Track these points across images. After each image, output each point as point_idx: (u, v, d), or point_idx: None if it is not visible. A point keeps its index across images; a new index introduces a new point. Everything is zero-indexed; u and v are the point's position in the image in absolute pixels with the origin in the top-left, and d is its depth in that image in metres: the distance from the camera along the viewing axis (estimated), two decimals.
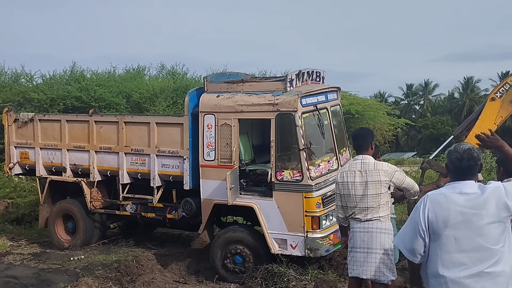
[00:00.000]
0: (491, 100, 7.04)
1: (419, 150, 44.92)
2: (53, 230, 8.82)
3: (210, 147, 7.01)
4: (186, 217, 7.49)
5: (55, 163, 8.66)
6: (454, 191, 2.94)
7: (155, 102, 16.87)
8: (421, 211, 2.96)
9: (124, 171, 7.94)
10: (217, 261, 6.95)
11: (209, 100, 7.07)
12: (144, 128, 7.78)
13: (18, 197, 11.39)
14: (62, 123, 8.55)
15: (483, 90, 53.44)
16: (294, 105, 6.54)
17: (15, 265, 7.56)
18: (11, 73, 18.19)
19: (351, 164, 4.65)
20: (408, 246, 3.02)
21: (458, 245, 2.88)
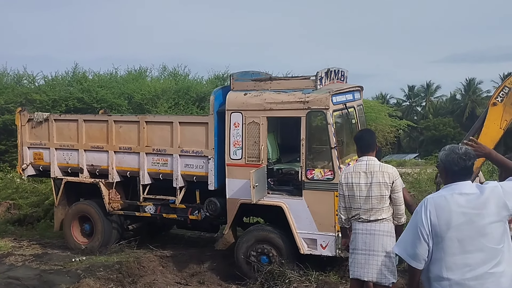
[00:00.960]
0: (492, 106, 7.00)
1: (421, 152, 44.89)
2: (68, 232, 8.61)
3: (237, 146, 6.95)
4: (209, 217, 7.41)
5: (71, 164, 8.49)
6: (454, 192, 2.91)
7: (156, 103, 16.90)
8: (423, 215, 2.92)
9: (145, 171, 7.80)
10: (241, 257, 6.88)
11: (236, 98, 7.02)
12: (166, 128, 7.66)
13: (20, 198, 11.40)
14: (79, 123, 8.38)
15: (485, 92, 53.43)
16: (325, 103, 6.51)
17: (16, 266, 7.57)
18: (13, 75, 18.27)
19: (356, 165, 4.64)
20: (411, 252, 2.96)
21: (461, 247, 2.85)
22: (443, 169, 3.02)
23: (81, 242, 8.51)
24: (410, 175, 14.64)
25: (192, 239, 9.43)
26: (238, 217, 7.28)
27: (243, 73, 7.57)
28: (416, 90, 59.00)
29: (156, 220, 8.29)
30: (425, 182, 16.12)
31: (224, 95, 7.19)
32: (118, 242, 8.39)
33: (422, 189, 14.96)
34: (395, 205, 4.51)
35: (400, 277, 5.81)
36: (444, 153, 3.01)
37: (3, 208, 11.24)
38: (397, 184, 4.49)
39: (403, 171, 15.22)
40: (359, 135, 4.89)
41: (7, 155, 15.87)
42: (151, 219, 8.23)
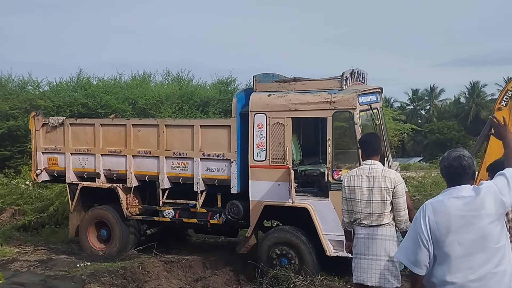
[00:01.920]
0: (498, 111, 7.02)
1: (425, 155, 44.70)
2: (85, 239, 8.51)
3: (261, 147, 6.95)
4: (230, 221, 7.40)
5: (88, 169, 8.42)
6: (451, 196, 2.95)
7: (160, 108, 16.95)
8: (422, 221, 2.94)
9: (165, 175, 7.75)
10: (264, 259, 6.90)
11: (260, 99, 7.02)
12: (187, 131, 7.63)
13: (25, 204, 11.42)
14: (96, 127, 8.31)
15: (489, 95, 53.32)
16: (352, 103, 6.52)
17: (21, 272, 7.59)
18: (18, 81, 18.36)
19: (359, 168, 4.64)
20: (412, 259, 2.97)
21: (463, 250, 2.88)
22: (442, 173, 3.09)
23: (98, 248, 8.43)
24: (414, 179, 14.60)
25: (196, 244, 9.44)
26: (260, 220, 7.28)
27: (264, 75, 7.57)
28: (420, 94, 58.90)
29: (174, 225, 8.24)
30: (430, 185, 16.06)
31: (246, 97, 7.22)
32: (136, 248, 8.34)
33: (427, 193, 14.90)
34: (395, 211, 4.49)
35: (404, 281, 5.79)
36: (440, 158, 3.10)
37: (8, 214, 11.27)
38: (398, 190, 4.47)
39: (408, 174, 15.17)
40: (363, 139, 4.88)
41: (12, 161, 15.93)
42: (168, 223, 8.18)
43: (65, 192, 10.81)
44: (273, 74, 7.86)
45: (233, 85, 19.63)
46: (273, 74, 7.86)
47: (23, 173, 13.15)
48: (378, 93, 7.64)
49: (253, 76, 7.33)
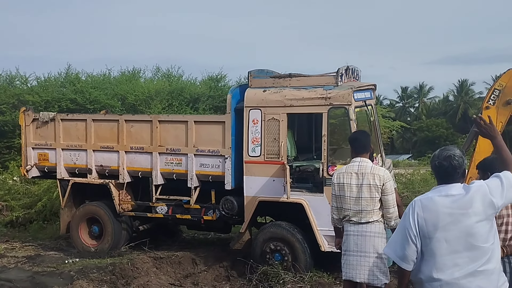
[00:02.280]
0: (485, 109, 7.09)
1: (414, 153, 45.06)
2: (76, 235, 8.44)
3: (256, 143, 6.96)
4: (224, 217, 7.40)
5: (79, 165, 8.32)
6: (440, 194, 2.98)
7: (150, 104, 16.87)
8: (410, 217, 2.98)
9: (158, 171, 7.71)
10: (258, 254, 6.92)
11: (255, 94, 7.02)
12: (180, 127, 7.59)
13: (12, 199, 11.32)
14: (88, 122, 8.22)
15: (478, 93, 53.85)
16: (348, 99, 6.55)
17: (9, 268, 7.52)
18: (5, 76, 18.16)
19: (349, 166, 4.66)
20: (400, 254, 3.01)
21: (450, 247, 2.91)
22: (433, 171, 3.12)
23: (90, 245, 8.37)
24: (403, 176, 14.72)
25: (186, 240, 9.43)
26: (254, 216, 7.29)
27: (259, 71, 7.56)
28: (409, 92, 59.31)
29: (167, 221, 8.21)
30: (418, 182, 16.19)
31: (241, 93, 7.22)
32: (128, 244, 8.31)
33: (415, 190, 15.01)
34: (385, 208, 4.51)
35: (393, 277, 5.84)
36: (432, 156, 3.10)
37: None
38: (387, 187, 4.49)
39: (396, 172, 15.26)
40: (353, 136, 4.90)
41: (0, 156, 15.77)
42: (161, 220, 8.15)
43: (53, 188, 10.74)
44: (267, 70, 7.86)
45: (224, 82, 19.61)
46: (267, 70, 7.86)
47: (10, 168, 13.02)
48: (372, 90, 7.67)
49: (248, 72, 7.33)
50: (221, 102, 17.61)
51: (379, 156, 7.28)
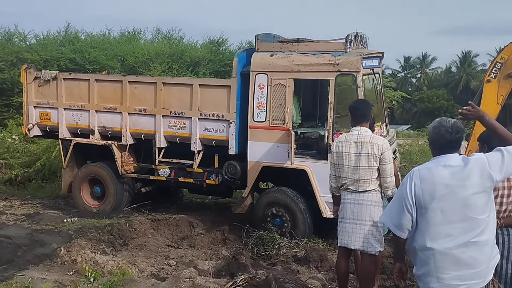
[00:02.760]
0: (487, 83, 7.05)
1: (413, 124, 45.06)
2: (78, 195, 8.46)
3: (261, 108, 6.89)
4: (227, 182, 7.41)
5: (81, 125, 8.27)
6: (439, 165, 2.97)
7: (150, 66, 16.71)
8: (408, 186, 2.99)
9: (161, 134, 7.68)
10: (259, 218, 6.98)
11: (262, 59, 6.92)
12: (185, 90, 7.49)
13: (11, 158, 11.36)
14: (91, 82, 8.11)
15: (481, 65, 53.34)
16: (356, 66, 6.47)
17: (8, 225, 7.60)
18: (4, 32, 17.90)
19: (348, 135, 4.65)
20: (396, 222, 3.05)
21: (444, 217, 2.92)
22: (431, 141, 3.08)
23: (92, 205, 8.41)
24: (401, 146, 14.74)
25: (183, 204, 9.52)
26: (256, 181, 7.30)
27: (266, 35, 7.41)
28: (411, 62, 58.75)
29: (169, 184, 8.23)
30: (416, 153, 16.25)
31: (248, 57, 7.10)
32: (130, 206, 8.34)
33: (413, 161, 15.09)
34: (382, 177, 4.52)
35: (387, 245, 5.92)
36: (432, 126, 3.06)
37: None
38: (385, 157, 4.49)
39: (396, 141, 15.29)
40: (354, 105, 4.86)
41: None
42: (163, 182, 8.16)
43: (52, 148, 10.77)
44: (274, 34, 7.70)
45: (225, 46, 19.38)
46: (274, 34, 7.70)
47: (9, 127, 12.99)
48: (380, 58, 7.55)
49: (255, 36, 7.19)
50: (222, 67, 17.46)
51: (383, 126, 7.25)
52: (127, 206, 8.34)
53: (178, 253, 6.62)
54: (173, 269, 5.98)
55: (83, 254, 6.02)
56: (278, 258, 6.16)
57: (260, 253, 6.45)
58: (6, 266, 5.71)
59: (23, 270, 5.59)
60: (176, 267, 6.09)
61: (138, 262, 6.13)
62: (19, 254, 6.13)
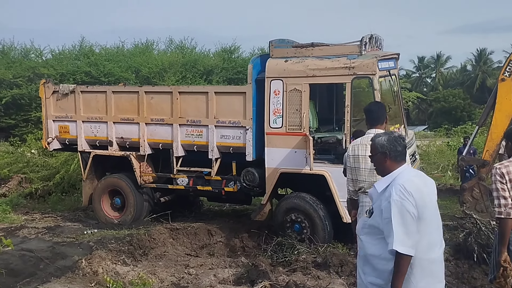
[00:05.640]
0: (501, 81, 6.97)
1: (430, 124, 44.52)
2: (98, 207, 8.50)
3: (277, 114, 6.88)
4: (245, 189, 7.40)
5: (100, 137, 8.34)
6: (416, 175, 3.05)
7: (164, 77, 16.86)
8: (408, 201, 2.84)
9: (179, 143, 7.70)
10: (279, 224, 6.96)
11: (276, 65, 6.91)
12: (201, 98, 7.52)
13: (31, 172, 11.54)
14: (108, 94, 8.19)
15: (496, 62, 52.49)
16: (372, 68, 6.41)
17: (30, 239, 7.70)
18: (20, 49, 18.28)
19: (364, 137, 4.61)
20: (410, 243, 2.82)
21: (432, 225, 2.97)
22: (385, 153, 3.04)
23: (112, 217, 8.45)
24: (419, 147, 14.58)
25: (201, 212, 9.54)
26: (275, 188, 7.28)
27: (280, 40, 7.40)
28: (426, 61, 58.12)
29: (188, 193, 8.25)
30: (434, 154, 16.09)
31: (262, 63, 7.10)
32: (150, 216, 8.37)
33: (431, 161, 14.96)
34: None
35: None
36: (383, 138, 3.08)
37: (15, 182, 11.40)
38: None
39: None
40: (368, 108, 4.82)
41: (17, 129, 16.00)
42: (182, 191, 8.18)
43: (70, 161, 10.91)
44: (288, 40, 7.67)
45: (237, 53, 19.48)
46: (288, 40, 7.67)
47: (28, 141, 13.22)
48: (396, 59, 7.48)
49: (269, 42, 7.18)
50: (235, 74, 17.54)
51: (402, 128, 7.18)
52: (147, 216, 8.37)
53: (198, 261, 6.63)
54: (193, 278, 5.98)
55: (104, 265, 6.06)
56: (297, 264, 6.11)
57: (280, 260, 6.42)
58: (29, 279, 5.77)
59: (46, 283, 5.63)
60: (196, 275, 6.08)
61: (158, 271, 6.14)
62: (41, 267, 6.19)
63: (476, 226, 5.97)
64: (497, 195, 3.62)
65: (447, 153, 16.04)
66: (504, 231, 3.58)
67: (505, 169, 3.63)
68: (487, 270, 5.29)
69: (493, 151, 7.19)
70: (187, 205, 9.26)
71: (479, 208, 7.07)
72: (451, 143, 17.63)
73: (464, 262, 5.74)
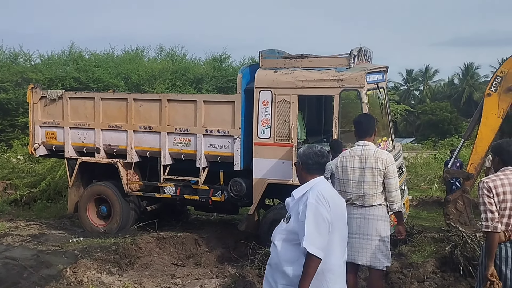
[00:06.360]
0: (487, 96, 7.10)
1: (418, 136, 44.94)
2: (84, 215, 8.39)
3: (266, 125, 6.89)
4: (232, 199, 7.37)
5: (87, 144, 8.25)
6: (332, 188, 3.36)
7: (153, 84, 16.82)
8: (324, 208, 3.06)
9: (166, 151, 7.65)
10: (265, 232, 6.85)
11: (265, 75, 6.92)
12: (190, 107, 7.49)
13: (16, 178, 11.39)
14: (96, 101, 8.12)
15: (483, 77, 53.36)
16: (360, 81, 6.45)
17: (14, 247, 7.58)
18: (9, 53, 18.13)
19: (352, 149, 4.64)
20: (321, 245, 3.02)
21: (341, 235, 3.21)
22: (299, 163, 3.32)
23: (98, 225, 8.36)
24: (406, 159, 14.68)
25: (188, 221, 9.48)
26: (262, 198, 7.26)
27: (270, 51, 7.43)
28: (414, 74, 58.82)
29: (175, 202, 8.20)
30: (421, 166, 16.21)
31: (252, 73, 7.11)
32: (136, 224, 8.30)
33: (418, 174, 15.07)
34: (387, 191, 4.48)
35: (394, 260, 5.88)
36: (301, 150, 3.36)
37: (0, 188, 11.24)
38: (390, 170, 4.45)
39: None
40: (357, 120, 4.85)
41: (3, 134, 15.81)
42: (169, 200, 8.13)
43: (57, 167, 10.80)
44: (278, 50, 7.73)
45: (227, 62, 19.53)
46: (278, 50, 7.73)
47: (14, 147, 13.07)
48: (384, 72, 7.55)
49: (259, 52, 7.20)
50: (225, 83, 17.57)
51: (389, 140, 7.24)
52: (133, 225, 8.30)
53: (184, 271, 6.58)
54: None
55: (89, 274, 5.99)
56: None
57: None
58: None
59: None
60: (182, 286, 6.04)
61: (144, 281, 6.09)
62: (25, 275, 6.09)
63: (462, 239, 6.00)
64: (484, 209, 3.65)
65: (434, 166, 16.18)
66: (491, 245, 3.61)
67: (492, 183, 3.67)
68: (473, 283, 5.32)
69: (478, 164, 7.27)
70: (174, 214, 9.20)
71: (462, 220, 7.13)
72: (438, 156, 17.80)
73: (450, 275, 5.76)
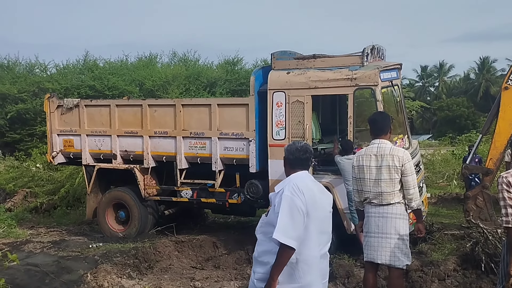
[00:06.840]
0: (505, 90, 6.98)
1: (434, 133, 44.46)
2: (103, 221, 8.51)
3: (280, 126, 6.90)
4: (249, 201, 7.39)
5: (104, 150, 8.38)
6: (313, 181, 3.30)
7: (167, 89, 16.95)
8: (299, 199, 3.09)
9: (182, 155, 7.73)
10: None
11: (278, 77, 6.93)
12: (204, 111, 7.55)
13: (36, 186, 11.56)
14: (112, 108, 8.24)
15: (500, 70, 52.54)
16: (374, 79, 6.42)
17: (35, 253, 7.69)
18: (25, 64, 18.45)
19: (368, 148, 4.60)
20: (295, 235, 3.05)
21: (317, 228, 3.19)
22: (285, 159, 3.36)
23: (117, 230, 8.45)
24: (423, 157, 14.51)
25: (206, 224, 9.51)
26: None
27: (282, 52, 7.42)
28: (429, 70, 58.20)
29: (192, 205, 8.25)
30: (439, 163, 16.02)
31: (264, 75, 7.12)
32: (155, 228, 8.36)
33: (436, 170, 14.89)
34: (405, 189, 4.43)
35: (414, 259, 5.81)
36: (287, 145, 3.42)
37: (20, 197, 11.43)
38: (407, 168, 4.40)
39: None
40: (372, 118, 4.81)
41: (22, 144, 16.09)
42: (186, 204, 8.19)
43: (75, 174, 10.93)
44: (290, 51, 7.70)
45: (240, 65, 19.58)
46: (290, 51, 7.70)
47: (33, 155, 13.26)
48: (398, 69, 7.47)
49: (271, 54, 7.20)
50: (238, 86, 17.63)
51: (405, 138, 7.17)
52: (152, 229, 8.36)
53: (203, 274, 6.59)
54: None
55: (110, 279, 6.04)
56: None
57: None
58: None
59: None
60: None
61: (164, 285, 6.12)
62: (46, 281, 6.18)
63: (483, 236, 5.92)
64: (504, 204, 3.59)
65: (452, 162, 15.98)
66: None
67: (511, 177, 3.61)
68: (495, 280, 5.24)
69: (497, 160, 7.16)
70: (192, 217, 9.25)
71: (483, 217, 7.02)
72: (456, 152, 17.56)
73: (472, 272, 5.68)
